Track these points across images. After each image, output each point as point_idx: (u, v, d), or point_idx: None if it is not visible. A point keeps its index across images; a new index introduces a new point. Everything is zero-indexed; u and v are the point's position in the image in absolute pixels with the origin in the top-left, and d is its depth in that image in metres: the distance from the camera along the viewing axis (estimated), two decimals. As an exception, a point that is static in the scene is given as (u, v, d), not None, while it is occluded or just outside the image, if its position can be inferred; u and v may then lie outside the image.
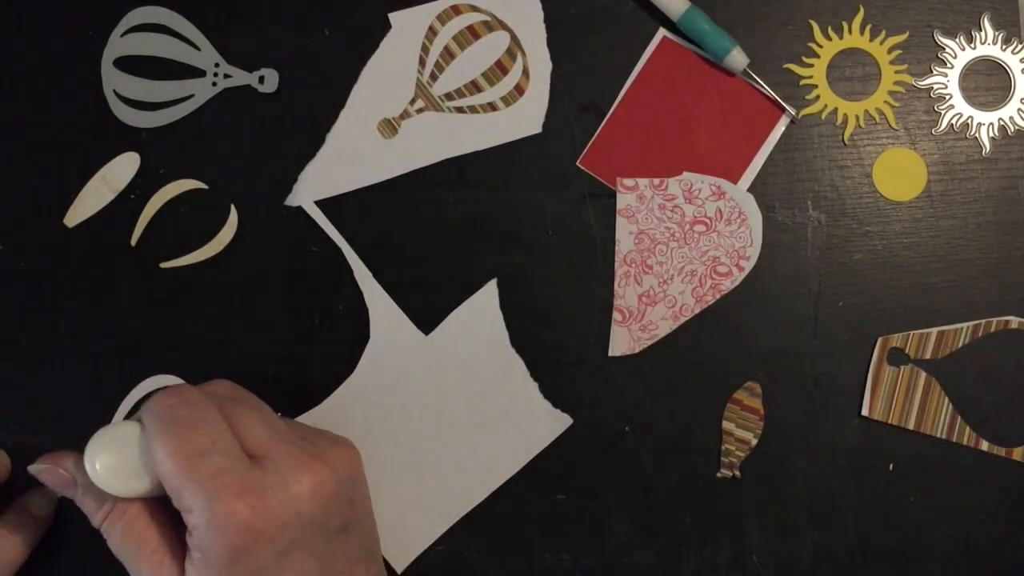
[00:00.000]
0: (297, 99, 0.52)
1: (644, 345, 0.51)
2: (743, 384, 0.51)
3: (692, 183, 0.51)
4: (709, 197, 0.51)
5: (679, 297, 0.51)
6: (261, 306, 0.51)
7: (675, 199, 0.51)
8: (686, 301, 0.51)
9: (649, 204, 0.51)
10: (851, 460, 0.50)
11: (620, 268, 0.51)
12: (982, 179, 0.52)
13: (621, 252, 0.51)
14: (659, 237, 0.51)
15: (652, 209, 0.51)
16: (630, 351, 0.51)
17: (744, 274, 0.51)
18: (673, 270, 0.51)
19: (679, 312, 0.51)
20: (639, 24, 0.53)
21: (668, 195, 0.51)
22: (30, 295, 0.51)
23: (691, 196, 0.51)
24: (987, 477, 0.50)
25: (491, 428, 0.50)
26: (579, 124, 0.52)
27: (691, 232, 0.51)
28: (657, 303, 0.51)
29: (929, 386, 0.51)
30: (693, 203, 0.51)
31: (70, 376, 0.51)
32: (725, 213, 0.51)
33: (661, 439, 0.51)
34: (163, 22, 0.52)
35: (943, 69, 0.53)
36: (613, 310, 0.51)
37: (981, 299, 0.51)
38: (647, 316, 0.51)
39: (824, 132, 0.52)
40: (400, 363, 0.51)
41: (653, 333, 0.51)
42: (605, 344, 0.51)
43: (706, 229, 0.51)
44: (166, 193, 0.52)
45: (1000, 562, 0.50)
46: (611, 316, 0.51)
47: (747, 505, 0.50)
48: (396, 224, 0.52)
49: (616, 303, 0.51)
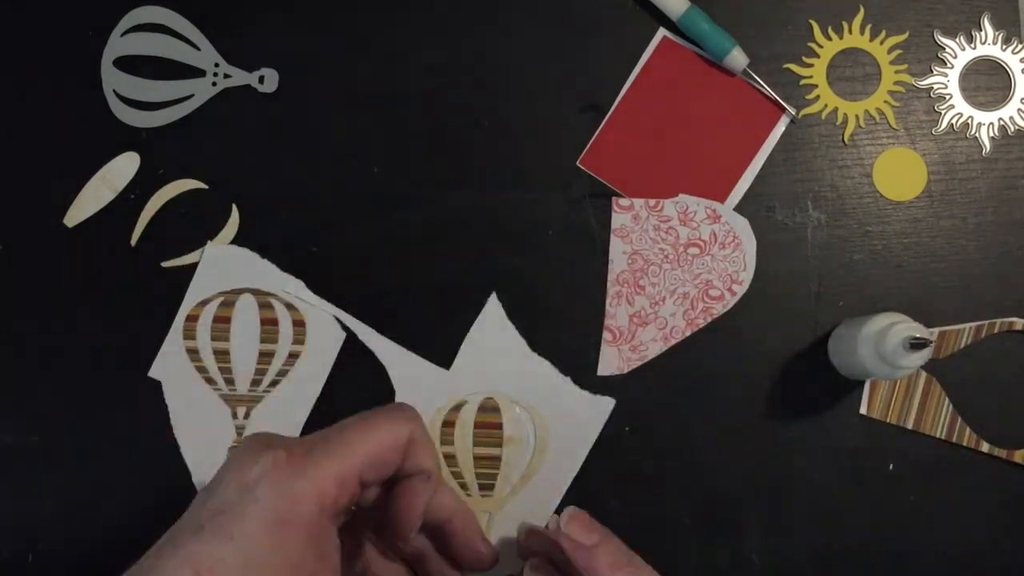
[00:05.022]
0: (297, 99, 0.52)
1: (633, 366, 0.50)
2: (743, 383, 0.51)
3: (688, 205, 0.51)
4: (704, 220, 0.51)
5: (670, 319, 0.51)
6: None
7: (670, 220, 0.51)
8: (677, 323, 0.51)
9: (644, 225, 0.51)
10: (851, 460, 0.50)
11: (612, 288, 0.51)
12: (982, 179, 0.52)
13: (614, 272, 0.51)
14: (652, 258, 0.51)
15: (647, 230, 0.51)
16: (619, 371, 0.51)
17: (736, 298, 0.51)
18: (665, 291, 0.50)
19: (670, 334, 0.51)
20: (639, 24, 0.53)
21: (663, 216, 0.51)
22: (30, 295, 0.51)
23: (686, 218, 0.51)
24: (987, 478, 0.50)
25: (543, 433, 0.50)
26: (579, 124, 0.52)
27: (685, 254, 0.51)
28: (648, 324, 0.51)
29: (929, 386, 0.50)
30: (688, 225, 0.51)
31: (70, 375, 0.51)
32: (719, 236, 0.51)
33: (661, 439, 0.51)
34: (163, 22, 0.52)
35: (943, 69, 0.53)
36: (603, 329, 0.51)
37: (981, 299, 0.51)
38: (637, 337, 0.51)
39: (824, 132, 0.52)
40: (429, 402, 0.50)
41: (643, 354, 0.50)
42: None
43: (700, 252, 0.51)
44: (166, 193, 0.52)
45: (1000, 562, 0.50)
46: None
47: (747, 505, 0.50)
48: (396, 225, 0.52)
49: (607, 322, 0.51)
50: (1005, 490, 0.50)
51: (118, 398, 0.51)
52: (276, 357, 0.51)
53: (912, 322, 0.44)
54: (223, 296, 0.51)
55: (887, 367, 0.44)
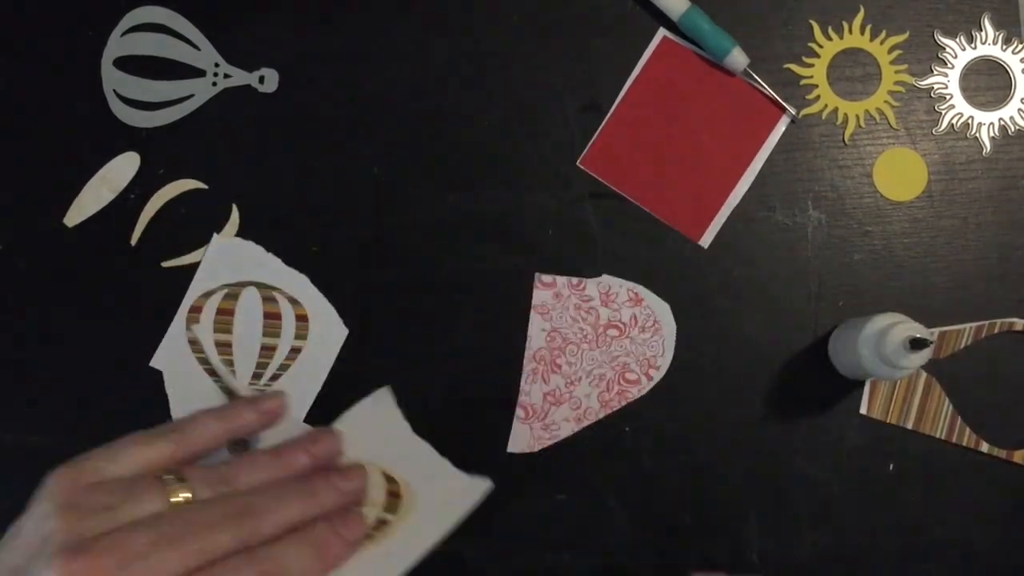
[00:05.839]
0: (297, 99, 0.52)
1: (544, 444, 0.50)
2: (743, 383, 0.51)
3: (611, 286, 0.51)
4: (626, 302, 0.51)
5: (584, 400, 0.50)
6: (261, 306, 0.51)
7: (591, 300, 0.50)
8: (591, 404, 0.50)
9: (565, 303, 0.50)
10: (851, 460, 0.50)
11: (528, 364, 0.50)
12: (982, 179, 0.52)
13: (531, 348, 0.50)
14: (571, 337, 0.50)
15: (567, 308, 0.50)
16: (529, 449, 0.50)
17: (652, 383, 0.50)
18: (582, 372, 0.50)
19: (583, 415, 0.50)
20: (639, 24, 0.53)
21: (585, 296, 0.50)
22: (30, 295, 0.51)
23: (608, 299, 0.51)
24: (987, 478, 0.50)
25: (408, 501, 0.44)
26: (579, 124, 0.52)
27: (604, 335, 0.50)
28: (562, 403, 0.50)
29: (929, 386, 0.50)
30: (609, 306, 0.51)
31: (70, 375, 0.51)
32: (640, 320, 0.51)
33: (661, 439, 0.51)
34: (163, 22, 0.52)
35: (943, 69, 0.53)
36: (517, 406, 0.50)
37: (981, 299, 0.51)
38: (550, 416, 0.50)
39: (824, 132, 0.52)
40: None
41: (555, 433, 0.50)
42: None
43: (619, 334, 0.51)
44: (166, 193, 0.52)
45: (999, 562, 0.50)
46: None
47: (747, 505, 0.50)
48: (395, 224, 0.52)
49: (521, 399, 0.50)
50: (1005, 490, 0.50)
51: (118, 398, 0.51)
52: (278, 351, 0.51)
53: (912, 322, 0.44)
54: (227, 288, 0.51)
55: (887, 367, 0.44)
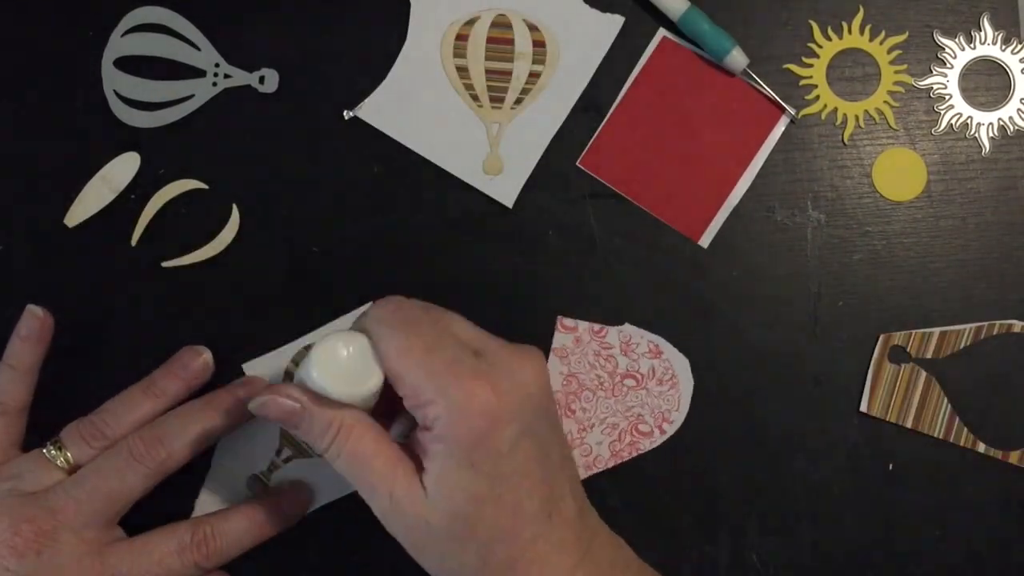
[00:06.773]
0: (297, 99, 0.52)
1: None
2: (743, 384, 0.51)
3: (632, 336, 0.50)
4: (645, 353, 0.50)
5: (595, 447, 0.50)
6: (261, 306, 0.51)
7: (611, 348, 0.50)
8: (602, 453, 0.50)
9: (584, 348, 0.50)
10: (851, 460, 0.50)
11: None
12: (982, 179, 0.52)
13: None
14: (588, 383, 0.50)
15: (586, 354, 0.50)
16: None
17: (666, 436, 0.50)
18: (595, 419, 0.50)
19: (592, 463, 0.50)
20: (639, 24, 0.53)
21: (605, 343, 0.50)
22: (30, 295, 0.51)
23: (628, 348, 0.50)
24: (985, 478, 0.50)
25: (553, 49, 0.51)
26: (579, 124, 0.52)
27: (620, 385, 0.50)
28: (573, 449, 0.50)
29: (929, 386, 0.51)
30: (628, 356, 0.50)
31: (70, 376, 0.51)
32: (658, 372, 0.50)
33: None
34: (163, 22, 0.52)
35: (943, 69, 0.53)
36: None
37: (981, 299, 0.51)
38: None
39: (824, 132, 0.52)
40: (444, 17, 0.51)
41: None
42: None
43: (636, 384, 0.50)
44: (166, 193, 0.52)
45: (998, 562, 0.50)
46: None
47: (747, 505, 0.50)
48: (395, 224, 0.52)
49: None
50: (1003, 491, 0.50)
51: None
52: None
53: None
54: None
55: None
